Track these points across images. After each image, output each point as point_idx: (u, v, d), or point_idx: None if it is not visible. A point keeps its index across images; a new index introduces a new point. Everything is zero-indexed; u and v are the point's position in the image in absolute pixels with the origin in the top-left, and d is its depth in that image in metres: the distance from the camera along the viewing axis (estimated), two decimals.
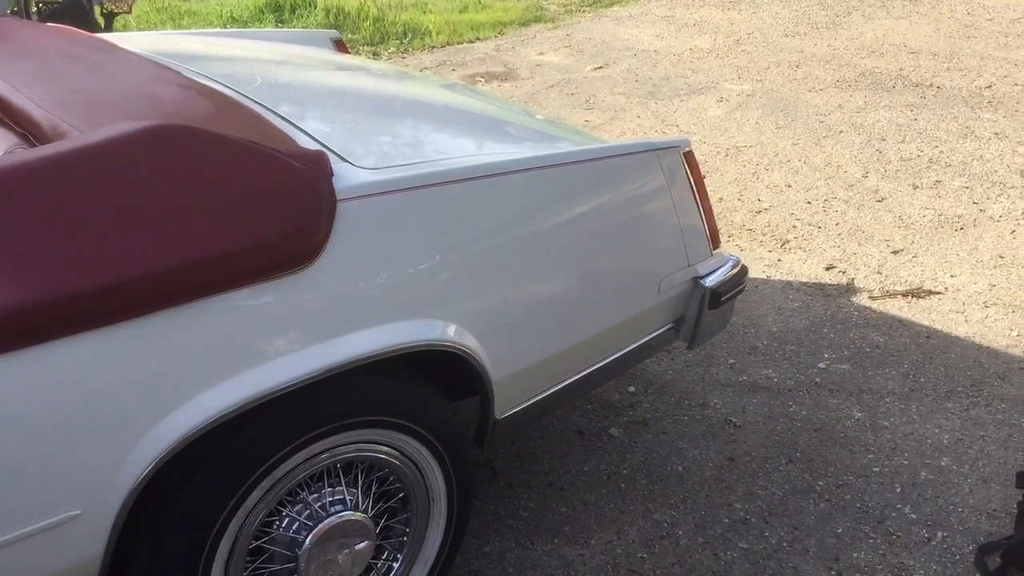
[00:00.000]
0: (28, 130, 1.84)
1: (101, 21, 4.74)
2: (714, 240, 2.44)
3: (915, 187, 4.69)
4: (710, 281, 2.39)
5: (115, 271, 1.37)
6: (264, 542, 1.74)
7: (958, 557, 2.35)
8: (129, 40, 2.69)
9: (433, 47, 8.00)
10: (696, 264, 2.38)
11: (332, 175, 1.65)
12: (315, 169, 1.63)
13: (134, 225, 1.42)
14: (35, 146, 1.72)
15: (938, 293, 3.68)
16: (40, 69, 2.07)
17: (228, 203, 1.52)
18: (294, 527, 1.76)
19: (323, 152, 1.69)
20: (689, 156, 2.37)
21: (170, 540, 1.56)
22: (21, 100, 1.87)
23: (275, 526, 1.75)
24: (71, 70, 2.08)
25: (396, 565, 2.00)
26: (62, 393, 1.36)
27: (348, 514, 1.81)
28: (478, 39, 8.28)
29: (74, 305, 1.33)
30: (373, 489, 1.89)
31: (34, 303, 1.29)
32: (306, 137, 1.86)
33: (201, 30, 3.29)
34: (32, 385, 1.33)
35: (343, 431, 1.73)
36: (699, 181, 2.38)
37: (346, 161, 1.77)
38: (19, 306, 1.28)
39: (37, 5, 5.02)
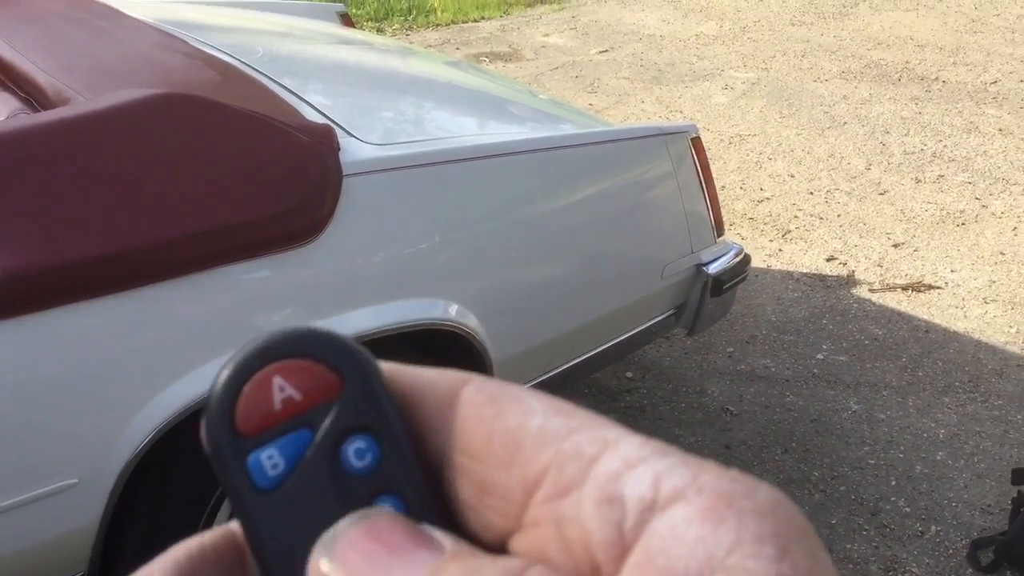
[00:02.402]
0: (31, 95, 1.82)
1: None
2: (718, 228, 2.43)
3: (918, 181, 4.67)
4: (713, 268, 2.38)
5: (115, 240, 1.35)
6: None
7: (951, 551, 2.36)
8: (133, 7, 2.66)
9: (438, 25, 7.94)
10: (700, 251, 2.37)
11: (339, 149, 1.64)
12: (323, 143, 1.61)
13: (136, 194, 1.40)
14: (38, 111, 1.70)
15: (938, 288, 3.68)
16: (44, 34, 2.04)
17: (232, 174, 1.50)
18: None
19: (331, 126, 1.67)
20: (697, 143, 2.36)
21: (166, 511, 1.55)
22: (25, 64, 1.84)
23: None
24: (76, 35, 2.05)
25: None
26: (61, 361, 1.34)
27: None
28: (483, 18, 8.22)
29: (74, 273, 1.32)
30: None
31: (34, 270, 1.28)
32: (311, 110, 1.84)
33: None
34: (32, 352, 1.32)
35: None
36: (706, 168, 2.37)
37: (352, 136, 1.75)
38: (19, 272, 1.27)
39: None
